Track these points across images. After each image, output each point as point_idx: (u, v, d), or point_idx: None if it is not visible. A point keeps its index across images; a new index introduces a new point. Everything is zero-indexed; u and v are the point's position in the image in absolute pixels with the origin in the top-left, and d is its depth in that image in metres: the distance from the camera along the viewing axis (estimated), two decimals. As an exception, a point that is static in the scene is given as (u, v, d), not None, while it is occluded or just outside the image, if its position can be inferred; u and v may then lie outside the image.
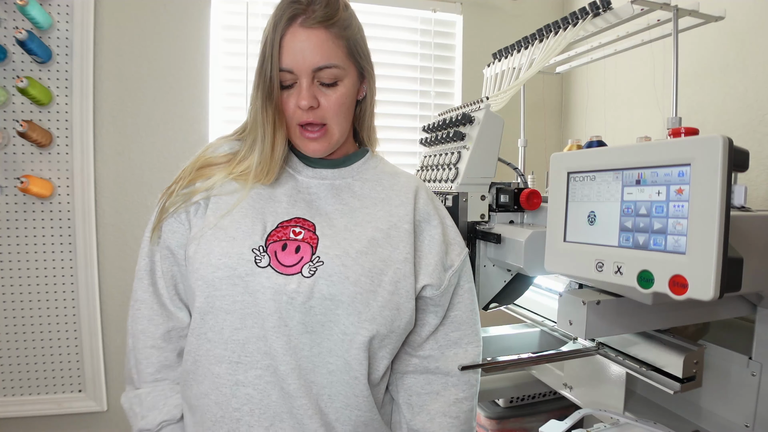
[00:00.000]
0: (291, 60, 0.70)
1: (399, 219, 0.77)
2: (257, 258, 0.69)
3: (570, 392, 1.21)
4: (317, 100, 0.72)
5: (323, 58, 0.70)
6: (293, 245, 0.71)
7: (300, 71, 0.70)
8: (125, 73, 1.59)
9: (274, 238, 0.71)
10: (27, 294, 1.54)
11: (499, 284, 1.03)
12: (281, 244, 0.71)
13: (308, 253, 0.70)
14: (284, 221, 0.73)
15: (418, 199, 0.81)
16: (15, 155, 1.49)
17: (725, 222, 0.51)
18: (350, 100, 0.76)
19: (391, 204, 0.79)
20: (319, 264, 0.70)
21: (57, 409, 1.58)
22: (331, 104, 0.72)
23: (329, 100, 0.72)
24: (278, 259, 0.70)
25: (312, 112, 0.72)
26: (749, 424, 0.86)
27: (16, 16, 1.44)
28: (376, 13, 1.83)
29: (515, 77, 1.19)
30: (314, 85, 0.71)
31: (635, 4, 0.95)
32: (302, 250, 0.71)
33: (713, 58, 1.36)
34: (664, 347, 0.89)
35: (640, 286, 0.58)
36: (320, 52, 0.70)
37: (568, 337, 1.19)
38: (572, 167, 0.69)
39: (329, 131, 0.75)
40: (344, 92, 0.74)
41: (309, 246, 0.71)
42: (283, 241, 0.71)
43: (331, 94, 0.72)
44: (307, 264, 0.70)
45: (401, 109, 1.89)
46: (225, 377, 0.68)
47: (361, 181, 0.81)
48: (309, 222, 0.74)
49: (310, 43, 0.69)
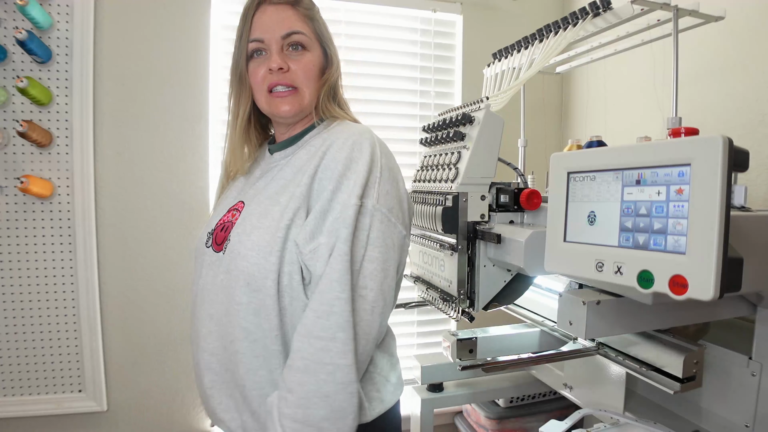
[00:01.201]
0: (260, 31, 0.79)
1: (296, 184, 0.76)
2: (207, 240, 0.84)
3: (570, 392, 1.21)
4: (287, 63, 0.80)
5: (290, 26, 0.80)
6: (228, 226, 0.82)
7: (269, 39, 0.79)
8: (125, 73, 1.59)
9: (221, 221, 0.85)
10: (27, 294, 1.54)
11: (499, 284, 1.03)
12: (221, 226, 0.83)
13: (229, 231, 0.81)
14: (231, 206, 0.86)
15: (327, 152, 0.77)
16: (15, 155, 1.49)
17: (725, 222, 0.51)
18: (317, 69, 0.84)
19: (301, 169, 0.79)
20: (228, 242, 0.80)
21: (57, 409, 1.58)
22: (300, 67, 0.81)
23: (298, 63, 0.81)
24: (215, 239, 0.83)
25: (282, 75, 0.80)
26: (749, 424, 0.86)
27: (16, 16, 1.44)
28: (376, 13, 1.83)
29: (515, 77, 1.19)
30: (283, 52, 0.80)
31: (635, 4, 0.96)
32: (227, 229, 0.81)
33: (713, 58, 1.36)
34: (664, 347, 0.89)
35: (640, 286, 0.58)
36: (287, 22, 0.80)
37: (568, 337, 1.19)
38: (572, 167, 0.69)
39: (300, 93, 0.82)
40: (312, 59, 0.82)
41: (232, 225, 0.82)
42: (223, 224, 0.84)
43: (300, 59, 0.81)
44: (226, 241, 0.80)
45: (401, 109, 1.89)
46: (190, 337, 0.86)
47: (303, 151, 0.84)
48: (242, 203, 0.84)
49: (277, 15, 0.79)
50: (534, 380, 1.38)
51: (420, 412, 1.43)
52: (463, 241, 1.01)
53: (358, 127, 0.82)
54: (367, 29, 1.83)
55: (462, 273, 1.03)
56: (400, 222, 0.79)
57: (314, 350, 0.70)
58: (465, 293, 1.04)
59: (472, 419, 1.69)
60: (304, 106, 0.83)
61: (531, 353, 1.08)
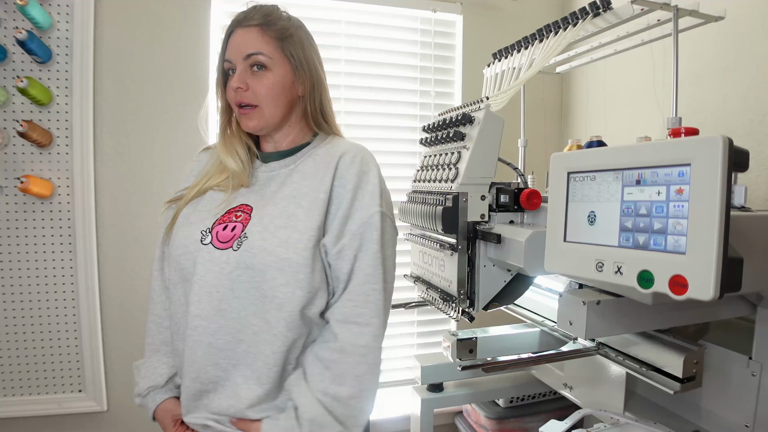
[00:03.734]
0: (230, 51, 0.88)
1: (316, 190, 0.87)
2: (203, 237, 0.86)
3: (570, 392, 1.21)
4: (246, 83, 0.87)
5: (252, 47, 0.86)
6: (231, 225, 0.86)
7: (235, 60, 0.87)
8: (125, 73, 1.59)
9: (220, 221, 0.87)
10: (27, 294, 1.54)
11: (499, 284, 1.03)
12: (223, 225, 0.86)
13: (240, 231, 0.84)
14: (231, 208, 0.89)
15: (339, 164, 0.89)
16: (15, 155, 1.49)
17: (725, 222, 0.51)
18: (280, 87, 0.89)
19: (316, 177, 0.89)
20: (245, 239, 0.83)
21: (57, 409, 1.58)
22: (259, 87, 0.87)
23: (257, 84, 0.87)
24: (218, 237, 0.85)
25: (242, 93, 0.87)
26: (749, 424, 0.86)
27: (16, 16, 1.44)
28: (376, 13, 1.83)
29: (515, 77, 1.19)
30: (247, 72, 0.87)
31: (635, 4, 0.95)
32: (236, 229, 0.85)
33: (713, 58, 1.36)
34: (664, 347, 0.89)
35: (640, 286, 0.58)
36: (251, 43, 0.86)
37: (568, 337, 1.19)
38: (572, 167, 0.69)
39: (260, 111, 0.89)
40: (273, 79, 0.88)
41: (241, 225, 0.85)
42: (225, 223, 0.86)
43: (260, 79, 0.87)
44: (237, 239, 0.83)
45: (401, 109, 1.89)
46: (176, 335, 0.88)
47: (303, 164, 0.92)
48: (248, 206, 0.88)
49: (243, 37, 0.87)
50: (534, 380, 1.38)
51: (420, 412, 1.43)
52: (463, 241, 1.01)
53: (355, 143, 0.95)
54: (367, 29, 1.83)
55: (462, 273, 1.03)
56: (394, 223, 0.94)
57: (351, 335, 0.83)
58: (465, 293, 1.04)
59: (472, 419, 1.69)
60: (267, 121, 0.90)
61: (531, 353, 1.08)
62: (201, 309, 0.82)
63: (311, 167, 0.91)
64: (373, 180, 0.88)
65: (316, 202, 0.86)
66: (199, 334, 0.82)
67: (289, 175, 0.91)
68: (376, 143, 1.86)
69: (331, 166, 0.89)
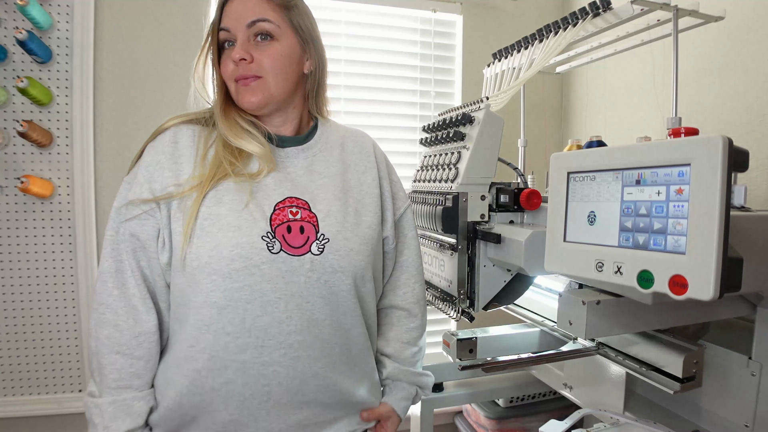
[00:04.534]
0: (227, 19, 0.76)
1: (369, 185, 0.87)
2: (269, 245, 0.73)
3: (570, 392, 1.21)
4: (251, 54, 0.75)
5: (255, 14, 0.75)
6: (296, 226, 0.75)
7: (236, 28, 0.75)
8: (125, 73, 1.59)
9: (276, 221, 0.74)
10: (27, 294, 1.54)
11: (499, 284, 1.03)
12: (285, 227, 0.75)
13: (312, 231, 0.76)
14: (278, 203, 0.76)
15: (378, 162, 0.91)
16: (15, 155, 1.49)
17: (725, 222, 0.51)
18: (288, 60, 0.78)
19: (358, 170, 0.87)
20: (325, 241, 0.76)
21: (57, 409, 1.58)
22: (265, 57, 0.76)
23: (263, 53, 0.76)
24: (287, 242, 0.74)
25: (246, 66, 0.75)
26: (749, 424, 0.86)
27: (16, 16, 1.44)
28: (376, 13, 1.83)
29: (515, 77, 1.19)
30: (250, 43, 0.76)
31: (635, 4, 0.95)
32: (306, 230, 0.76)
33: (713, 58, 1.36)
34: (664, 347, 0.89)
35: (640, 286, 0.58)
36: (254, 9, 0.75)
37: (568, 337, 1.19)
38: (572, 167, 0.69)
39: (264, 83, 0.77)
40: (280, 49, 0.77)
41: (311, 225, 0.76)
42: (286, 224, 0.75)
43: (265, 49, 0.76)
44: (315, 242, 0.76)
45: (401, 109, 1.89)
46: (251, 362, 0.72)
47: (329, 149, 0.87)
48: (301, 200, 0.78)
49: (244, 3, 0.75)
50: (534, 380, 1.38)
51: (420, 412, 1.43)
52: (463, 241, 1.01)
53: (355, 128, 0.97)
54: (367, 29, 1.83)
55: (462, 273, 1.03)
56: None
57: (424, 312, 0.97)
58: (465, 293, 1.04)
59: (472, 419, 1.69)
60: (272, 96, 0.78)
61: (531, 353, 1.08)
62: (294, 325, 0.73)
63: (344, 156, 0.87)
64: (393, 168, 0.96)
65: (372, 197, 0.86)
66: (296, 350, 0.74)
67: (317, 163, 0.83)
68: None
69: (369, 157, 0.90)
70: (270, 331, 0.72)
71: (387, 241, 0.90)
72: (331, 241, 0.76)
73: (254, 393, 0.73)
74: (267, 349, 0.72)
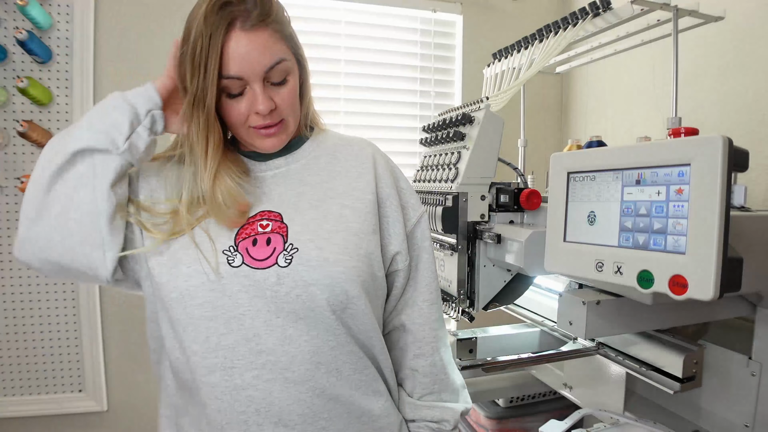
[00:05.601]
0: (239, 67, 0.66)
1: (361, 191, 0.77)
2: (229, 259, 0.68)
3: (570, 392, 1.21)
4: (273, 101, 0.70)
5: (272, 57, 0.68)
6: (263, 238, 0.70)
7: (251, 76, 0.67)
8: (125, 72, 1.59)
9: (242, 235, 0.70)
10: (27, 294, 1.54)
11: (499, 284, 1.03)
12: (251, 240, 0.70)
13: (280, 242, 0.70)
14: (250, 217, 0.72)
15: (377, 166, 0.80)
16: (15, 155, 1.49)
17: (725, 222, 0.51)
18: (297, 90, 0.75)
19: (349, 176, 0.78)
20: (294, 251, 0.69)
21: (57, 409, 1.58)
22: (286, 101, 0.71)
23: (283, 97, 0.71)
24: (251, 255, 0.69)
25: (270, 115, 0.70)
26: (749, 424, 0.86)
27: (16, 16, 1.44)
28: (376, 13, 1.83)
29: (515, 77, 1.19)
30: (266, 87, 0.69)
31: (635, 4, 0.95)
32: (273, 241, 0.70)
33: (713, 58, 1.36)
34: (664, 347, 0.89)
35: (640, 286, 0.58)
36: (268, 53, 0.67)
37: (568, 337, 1.19)
38: (572, 167, 0.69)
39: (286, 125, 0.73)
40: (294, 85, 0.72)
41: (279, 235, 0.70)
42: (252, 237, 0.70)
43: (283, 91, 0.71)
44: (282, 253, 0.69)
45: (401, 109, 1.89)
46: (222, 385, 0.67)
47: (315, 158, 0.80)
48: (274, 212, 0.73)
49: (256, 45, 0.66)
50: (534, 380, 1.38)
51: (420, 412, 1.43)
52: (463, 241, 1.01)
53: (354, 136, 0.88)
54: (367, 29, 1.83)
55: (462, 273, 1.03)
56: None
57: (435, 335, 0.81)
58: (465, 293, 1.04)
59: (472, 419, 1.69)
60: (289, 135, 0.76)
61: (531, 353, 1.08)
62: (263, 344, 0.67)
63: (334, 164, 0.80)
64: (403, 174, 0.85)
65: (364, 202, 0.76)
66: (270, 372, 0.67)
67: (300, 172, 0.78)
68: (375, 143, 1.85)
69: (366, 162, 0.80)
70: (238, 350, 0.67)
71: (399, 258, 0.78)
72: (300, 250, 0.69)
73: (230, 421, 0.67)
74: (237, 371, 0.67)
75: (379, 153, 0.84)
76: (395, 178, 0.82)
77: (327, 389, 0.70)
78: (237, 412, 0.67)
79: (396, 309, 0.83)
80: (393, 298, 0.82)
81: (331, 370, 0.70)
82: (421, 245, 0.82)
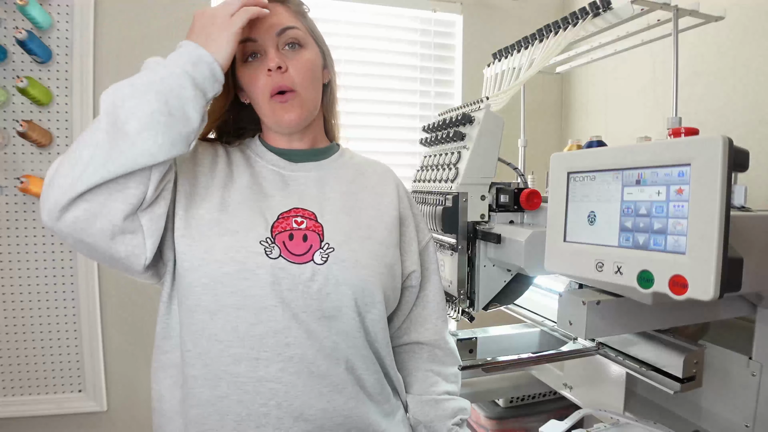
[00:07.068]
0: (254, 30, 0.72)
1: (386, 207, 0.82)
2: (267, 250, 0.69)
3: (570, 392, 1.21)
4: (285, 63, 0.73)
5: (285, 21, 0.74)
6: (299, 234, 0.72)
7: (264, 38, 0.73)
8: (125, 72, 1.57)
9: (278, 229, 0.71)
10: (27, 294, 1.54)
11: (499, 284, 1.03)
12: (287, 234, 0.71)
13: (317, 240, 0.72)
14: (283, 212, 0.73)
15: (399, 188, 0.87)
16: (15, 155, 1.49)
17: (725, 222, 0.51)
18: (316, 70, 0.78)
19: (375, 191, 0.83)
20: (330, 250, 0.72)
21: (57, 409, 1.58)
22: (299, 67, 0.74)
23: (296, 63, 0.74)
24: (288, 248, 0.70)
25: (281, 75, 0.73)
26: (749, 424, 0.86)
27: (16, 16, 1.44)
28: (375, 13, 1.83)
29: (515, 77, 1.19)
30: (280, 51, 0.74)
31: (635, 4, 0.95)
32: (310, 238, 0.72)
33: (713, 58, 1.36)
34: (664, 347, 0.89)
35: (640, 286, 0.58)
36: (281, 18, 0.74)
37: (568, 337, 1.19)
38: (572, 167, 0.69)
39: (300, 97, 0.74)
40: (310, 58, 0.76)
41: (315, 234, 0.73)
42: (288, 231, 0.71)
43: (297, 57, 0.74)
44: (318, 251, 0.71)
45: (401, 109, 1.89)
46: (246, 375, 0.67)
47: (345, 169, 0.84)
48: (308, 211, 0.75)
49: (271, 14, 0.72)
50: (534, 380, 1.38)
51: (420, 412, 1.43)
52: (463, 241, 1.01)
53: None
54: (366, 29, 1.83)
55: (462, 273, 1.03)
56: None
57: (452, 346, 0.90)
58: (465, 293, 1.04)
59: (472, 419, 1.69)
60: (306, 113, 0.76)
61: (531, 353, 1.08)
62: (292, 336, 0.68)
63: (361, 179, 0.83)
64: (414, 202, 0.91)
65: (390, 216, 0.81)
66: (296, 365, 0.68)
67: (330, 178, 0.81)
68: (376, 143, 1.86)
69: (390, 183, 0.86)
70: (266, 342, 0.67)
71: (414, 276, 0.83)
72: (336, 250, 0.72)
73: (251, 413, 0.67)
74: (263, 362, 0.67)
75: (398, 179, 0.90)
76: (411, 203, 0.89)
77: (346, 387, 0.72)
78: (258, 404, 0.67)
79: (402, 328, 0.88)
80: (400, 315, 0.86)
81: (348, 368, 0.73)
82: (430, 267, 0.88)
